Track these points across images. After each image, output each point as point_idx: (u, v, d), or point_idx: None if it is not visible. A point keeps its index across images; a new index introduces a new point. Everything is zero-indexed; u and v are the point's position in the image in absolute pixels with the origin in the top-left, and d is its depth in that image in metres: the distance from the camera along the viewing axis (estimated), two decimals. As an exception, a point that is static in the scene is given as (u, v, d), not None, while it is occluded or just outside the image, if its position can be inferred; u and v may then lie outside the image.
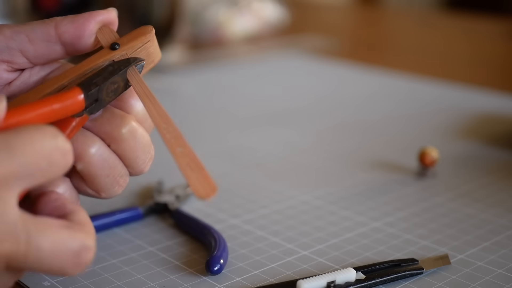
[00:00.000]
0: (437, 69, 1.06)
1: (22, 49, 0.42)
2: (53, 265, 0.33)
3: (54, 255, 0.33)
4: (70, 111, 0.38)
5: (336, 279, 0.42)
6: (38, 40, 0.42)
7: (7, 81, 0.44)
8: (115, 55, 0.41)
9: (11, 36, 0.42)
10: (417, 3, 2.45)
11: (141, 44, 0.43)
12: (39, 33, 0.42)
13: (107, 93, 0.40)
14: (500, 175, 0.63)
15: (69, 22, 0.42)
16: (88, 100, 0.38)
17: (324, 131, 0.76)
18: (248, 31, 1.26)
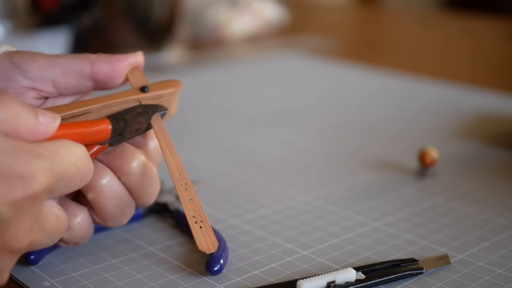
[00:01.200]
0: (437, 69, 1.06)
1: (55, 80, 0.44)
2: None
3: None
4: (97, 138, 0.41)
5: (336, 279, 0.42)
6: (72, 75, 0.45)
7: (32, 100, 0.45)
8: (143, 97, 0.45)
9: (46, 67, 0.44)
10: (417, 3, 2.45)
11: (168, 94, 0.46)
12: (75, 68, 0.45)
13: (130, 131, 0.43)
14: (500, 175, 0.63)
15: (104, 63, 0.45)
16: (114, 132, 0.42)
17: (324, 131, 0.76)
18: (248, 31, 1.26)
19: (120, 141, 0.43)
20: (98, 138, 0.41)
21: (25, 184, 0.33)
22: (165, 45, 1.04)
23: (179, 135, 0.73)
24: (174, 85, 0.47)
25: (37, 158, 0.34)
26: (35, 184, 0.33)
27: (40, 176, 0.34)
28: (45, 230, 0.36)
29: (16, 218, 0.33)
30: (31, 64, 0.44)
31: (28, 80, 0.44)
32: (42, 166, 0.34)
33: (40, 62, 0.44)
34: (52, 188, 0.35)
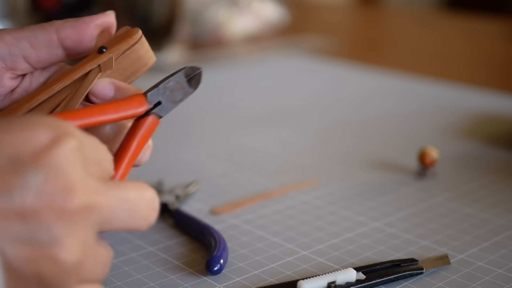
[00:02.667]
0: (437, 69, 1.06)
1: (25, 55, 0.43)
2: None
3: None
4: (133, 107, 0.39)
5: (337, 279, 0.42)
6: (40, 46, 0.43)
7: (10, 88, 0.44)
8: (102, 58, 0.42)
9: (13, 43, 0.43)
10: (417, 3, 2.45)
11: (127, 45, 0.43)
12: (41, 38, 0.43)
13: (170, 95, 0.41)
14: (500, 175, 0.63)
15: (70, 27, 0.43)
16: (150, 99, 0.40)
17: (324, 131, 0.76)
18: (248, 31, 1.26)
19: (167, 109, 0.41)
20: (135, 106, 0.40)
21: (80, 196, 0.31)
22: (165, 45, 1.04)
23: (179, 135, 0.73)
24: (131, 34, 0.43)
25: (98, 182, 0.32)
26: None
27: (97, 196, 0.32)
28: (97, 258, 0.33)
29: (66, 230, 0.30)
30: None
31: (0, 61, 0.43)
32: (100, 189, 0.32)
33: (6, 39, 0.42)
34: (103, 215, 0.32)
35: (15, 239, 0.29)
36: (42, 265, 0.30)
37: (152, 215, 0.34)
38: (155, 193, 0.34)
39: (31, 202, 0.29)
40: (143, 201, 0.34)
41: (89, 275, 0.32)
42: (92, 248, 0.32)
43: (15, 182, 0.29)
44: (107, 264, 0.33)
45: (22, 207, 0.29)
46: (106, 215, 0.32)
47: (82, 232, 0.31)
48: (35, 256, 0.29)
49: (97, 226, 0.32)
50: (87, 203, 0.30)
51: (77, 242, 0.30)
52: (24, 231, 0.29)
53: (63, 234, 0.30)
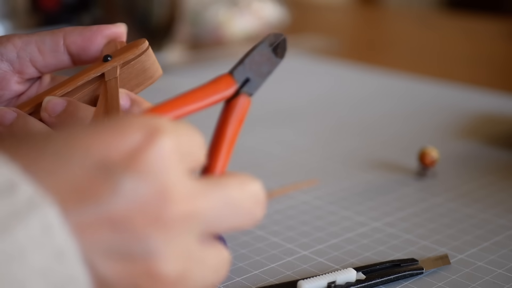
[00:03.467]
0: (437, 69, 1.07)
1: (32, 59, 0.43)
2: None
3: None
4: (222, 89, 0.37)
5: (337, 279, 0.42)
6: (47, 51, 0.43)
7: (17, 93, 0.45)
8: (106, 67, 0.42)
9: (21, 46, 0.43)
10: (417, 3, 2.45)
11: (133, 56, 0.43)
12: (48, 43, 0.43)
13: (258, 68, 0.38)
14: (500, 175, 0.63)
15: (77, 34, 0.43)
16: (238, 78, 0.37)
17: (324, 131, 0.76)
18: (248, 31, 1.26)
19: (256, 85, 0.38)
20: (224, 88, 0.37)
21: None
22: (165, 45, 1.04)
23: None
24: (137, 44, 0.43)
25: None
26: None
27: (197, 201, 0.28)
28: (206, 264, 0.29)
29: (164, 241, 0.27)
30: (7, 46, 0.43)
31: (6, 63, 0.43)
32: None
33: (15, 42, 0.43)
34: (206, 219, 0.29)
35: (107, 251, 0.26)
36: (139, 281, 0.26)
37: (259, 210, 0.31)
38: (260, 185, 0.31)
39: (123, 209, 0.26)
40: (247, 197, 0.30)
41: (199, 283, 0.29)
42: (197, 256, 0.28)
43: (105, 189, 0.26)
44: (222, 267, 0.30)
45: (113, 215, 0.26)
46: (209, 219, 0.29)
47: (183, 241, 0.27)
48: (130, 271, 0.26)
49: (200, 232, 0.28)
50: (187, 211, 0.27)
51: (177, 253, 0.27)
52: (116, 242, 0.26)
53: (160, 245, 0.26)
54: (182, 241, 0.27)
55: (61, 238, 0.24)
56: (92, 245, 0.25)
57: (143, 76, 0.44)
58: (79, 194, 0.25)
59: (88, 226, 0.25)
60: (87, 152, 0.26)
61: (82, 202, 0.25)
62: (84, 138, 0.27)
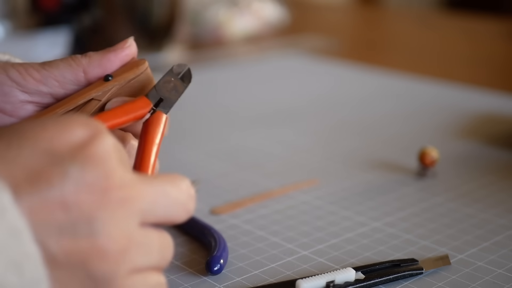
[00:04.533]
0: (437, 69, 1.07)
1: (53, 93, 0.44)
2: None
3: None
4: (140, 108, 0.43)
5: (336, 279, 0.42)
6: (67, 84, 0.44)
7: (26, 114, 0.45)
8: (107, 86, 0.43)
9: (41, 80, 0.44)
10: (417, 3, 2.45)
11: (134, 76, 0.44)
12: (68, 78, 0.44)
13: (168, 91, 0.44)
14: (500, 175, 0.63)
15: (96, 66, 0.44)
16: (152, 99, 0.43)
17: (324, 131, 0.76)
18: (248, 31, 1.26)
19: (169, 104, 0.44)
20: (141, 107, 0.43)
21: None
22: (165, 45, 1.04)
23: (179, 135, 0.73)
24: (137, 64, 0.45)
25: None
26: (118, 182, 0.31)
27: (136, 186, 0.32)
28: (149, 245, 0.32)
29: (108, 220, 0.30)
30: (27, 79, 0.43)
31: (26, 94, 0.43)
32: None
33: (35, 76, 0.43)
34: (143, 206, 0.32)
35: (57, 231, 0.29)
36: (87, 256, 0.30)
37: (191, 204, 0.34)
38: (189, 182, 0.35)
39: (72, 193, 0.29)
40: (179, 190, 0.34)
41: (142, 262, 0.32)
42: (139, 236, 0.31)
43: (55, 174, 0.29)
44: (166, 250, 0.33)
45: (63, 198, 0.29)
46: (146, 206, 0.32)
47: (124, 221, 0.30)
48: (79, 247, 0.29)
49: (140, 217, 0.32)
50: (126, 195, 0.31)
51: (119, 231, 0.30)
52: (66, 222, 0.29)
53: (104, 223, 0.30)
54: (123, 222, 0.31)
55: (14, 218, 0.28)
56: (44, 225, 0.29)
57: (139, 93, 0.45)
58: (31, 179, 0.29)
59: (41, 208, 0.29)
60: (36, 142, 0.30)
61: (35, 186, 0.29)
62: (33, 130, 0.30)
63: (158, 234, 0.33)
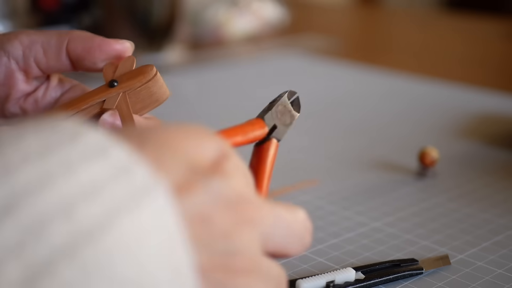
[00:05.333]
0: (436, 69, 1.07)
1: (36, 59, 0.43)
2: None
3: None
4: (257, 129, 0.42)
5: (336, 279, 0.42)
6: (51, 52, 0.43)
7: (24, 93, 0.45)
8: (111, 93, 0.42)
9: (27, 45, 0.43)
10: (417, 3, 2.45)
11: (140, 83, 0.43)
12: (53, 45, 0.43)
13: (281, 118, 0.44)
14: (499, 175, 0.63)
15: (79, 42, 0.43)
16: (268, 123, 0.43)
17: (324, 131, 0.76)
18: (248, 31, 1.26)
19: (282, 132, 0.44)
20: (256, 130, 0.42)
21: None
22: (165, 45, 1.04)
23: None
24: (144, 71, 0.43)
25: None
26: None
27: (260, 210, 0.30)
28: (270, 274, 0.30)
29: (242, 239, 0.29)
30: (15, 43, 0.43)
31: (13, 61, 0.43)
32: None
33: (23, 40, 0.43)
34: (264, 230, 0.30)
35: (198, 245, 0.27)
36: (221, 274, 0.28)
37: (307, 237, 0.32)
38: (306, 213, 0.33)
39: (214, 206, 0.28)
40: (297, 221, 0.32)
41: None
42: (261, 261, 0.29)
43: (198, 187, 0.28)
44: (281, 282, 0.31)
45: (206, 211, 0.27)
46: (268, 230, 0.30)
47: (253, 242, 0.29)
48: (214, 264, 0.28)
49: (260, 241, 0.30)
50: (255, 213, 0.29)
51: (250, 251, 0.29)
52: (205, 237, 0.27)
53: (239, 241, 0.28)
54: (253, 242, 0.29)
55: (172, 221, 0.26)
56: (196, 235, 0.27)
57: (148, 100, 0.44)
58: (177, 188, 0.27)
59: (184, 220, 0.27)
60: (182, 153, 0.28)
61: (180, 196, 0.27)
62: (176, 139, 0.29)
63: (277, 266, 0.31)
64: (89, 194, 0.24)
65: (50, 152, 0.24)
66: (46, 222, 0.22)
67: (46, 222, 0.22)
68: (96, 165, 0.24)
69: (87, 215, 0.23)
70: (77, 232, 0.23)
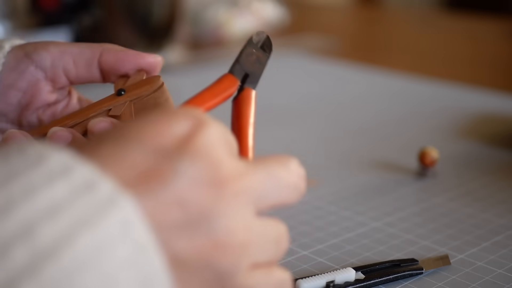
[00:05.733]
0: (437, 69, 1.06)
1: (65, 69, 0.44)
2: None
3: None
4: (227, 87, 0.41)
5: (336, 279, 0.42)
6: (82, 64, 0.44)
7: (46, 102, 0.45)
8: (119, 101, 0.43)
9: (57, 55, 0.44)
10: (417, 3, 2.45)
11: (147, 93, 0.43)
12: (85, 57, 0.44)
13: (252, 64, 0.43)
14: (500, 175, 0.63)
15: (112, 54, 0.44)
16: (237, 75, 0.42)
17: (324, 131, 0.76)
18: (248, 31, 1.26)
19: (255, 78, 0.42)
20: (229, 86, 0.41)
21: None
22: (165, 45, 1.04)
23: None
24: (151, 81, 0.44)
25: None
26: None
27: (247, 176, 0.30)
28: (266, 238, 0.31)
29: (226, 214, 0.29)
30: (42, 53, 0.43)
31: (40, 70, 0.43)
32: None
33: (51, 50, 0.43)
34: (256, 193, 0.30)
35: (178, 229, 0.27)
36: (209, 253, 0.28)
37: (302, 184, 0.33)
38: (298, 162, 0.33)
39: (187, 188, 0.28)
40: (290, 173, 0.32)
41: (262, 256, 0.30)
42: (256, 228, 0.30)
43: (166, 171, 0.27)
44: (282, 239, 0.32)
45: (179, 194, 0.27)
46: (259, 194, 0.30)
47: (241, 213, 0.29)
48: (200, 245, 0.28)
49: (253, 206, 0.30)
50: (240, 184, 0.29)
51: (238, 224, 0.29)
52: (185, 219, 0.28)
53: (223, 217, 0.28)
54: (241, 214, 0.29)
55: (141, 232, 0.26)
56: (164, 226, 0.27)
57: (154, 110, 0.44)
58: (143, 177, 0.27)
59: (158, 209, 0.27)
60: (143, 140, 0.28)
61: (148, 184, 0.27)
62: (137, 128, 0.29)
63: (273, 223, 0.31)
64: (50, 213, 0.24)
65: (14, 177, 0.25)
66: (6, 246, 0.23)
67: (6, 245, 0.23)
68: (59, 185, 0.25)
69: (47, 235, 0.23)
70: (37, 252, 0.23)
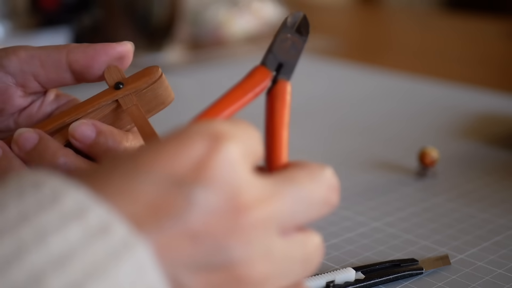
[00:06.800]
0: (437, 69, 1.06)
1: (35, 73, 0.42)
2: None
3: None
4: (259, 82, 0.37)
5: (336, 279, 0.42)
6: (50, 66, 0.42)
7: (19, 107, 0.44)
8: (118, 95, 0.42)
9: (25, 60, 0.42)
10: (417, 3, 2.45)
11: (146, 85, 0.42)
12: (51, 59, 0.42)
13: (286, 52, 0.38)
14: (500, 175, 0.63)
15: (81, 52, 0.42)
16: (271, 66, 0.38)
17: (324, 131, 0.76)
18: (248, 31, 1.26)
19: (290, 68, 0.38)
20: (261, 80, 0.37)
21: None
22: (165, 45, 1.04)
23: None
24: (149, 72, 0.43)
25: None
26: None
27: (271, 202, 0.28)
28: (291, 259, 0.29)
29: (245, 246, 0.27)
30: (12, 58, 0.42)
31: (10, 76, 0.42)
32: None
33: (20, 55, 0.42)
34: (282, 218, 0.28)
35: (191, 265, 0.26)
36: (227, 287, 0.26)
37: (334, 197, 0.30)
38: (331, 171, 0.30)
39: (200, 221, 0.26)
40: (319, 186, 0.29)
41: (286, 281, 0.28)
42: (280, 252, 0.28)
43: (179, 203, 0.26)
44: (311, 255, 0.30)
45: (192, 229, 0.26)
46: (286, 216, 0.28)
47: (263, 242, 0.27)
48: (217, 281, 0.26)
49: (277, 229, 0.28)
50: (262, 214, 0.27)
51: (259, 255, 0.27)
52: (198, 255, 0.26)
53: (242, 250, 0.26)
54: (262, 242, 0.27)
55: (153, 276, 0.25)
56: (176, 261, 0.26)
57: (154, 102, 0.43)
58: (155, 212, 0.25)
59: (170, 243, 0.25)
60: (155, 170, 0.26)
61: (160, 219, 0.25)
62: (149, 156, 0.27)
63: (301, 239, 0.29)
64: (61, 262, 0.23)
65: (27, 219, 0.24)
66: None
67: None
68: (73, 227, 0.24)
69: (56, 286, 0.23)
70: None
